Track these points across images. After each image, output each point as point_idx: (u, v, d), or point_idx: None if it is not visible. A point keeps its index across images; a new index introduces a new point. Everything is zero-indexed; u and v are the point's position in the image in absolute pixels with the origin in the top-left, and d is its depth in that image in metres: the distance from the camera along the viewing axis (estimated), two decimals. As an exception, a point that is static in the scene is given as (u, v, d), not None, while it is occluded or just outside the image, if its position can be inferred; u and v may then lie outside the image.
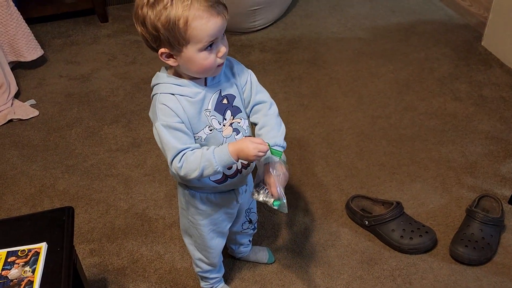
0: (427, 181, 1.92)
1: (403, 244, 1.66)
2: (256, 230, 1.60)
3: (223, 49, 1.10)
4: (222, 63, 1.13)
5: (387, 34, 2.80)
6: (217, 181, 1.25)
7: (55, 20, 3.03)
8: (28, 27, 2.50)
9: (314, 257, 1.67)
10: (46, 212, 1.24)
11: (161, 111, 1.14)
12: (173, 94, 1.14)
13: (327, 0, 3.14)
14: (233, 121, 1.22)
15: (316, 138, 2.14)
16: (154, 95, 1.17)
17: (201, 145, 1.18)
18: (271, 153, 1.14)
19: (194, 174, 1.13)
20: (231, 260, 1.67)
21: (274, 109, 1.27)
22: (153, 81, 1.19)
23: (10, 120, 2.29)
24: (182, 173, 1.14)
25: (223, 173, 1.24)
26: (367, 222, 1.71)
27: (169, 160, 1.14)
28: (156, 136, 1.16)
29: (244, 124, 1.24)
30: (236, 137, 1.23)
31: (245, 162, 1.25)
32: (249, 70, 1.27)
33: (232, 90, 1.21)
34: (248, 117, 1.28)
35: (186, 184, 1.29)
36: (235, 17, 2.75)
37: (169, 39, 1.06)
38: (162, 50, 1.11)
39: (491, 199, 1.77)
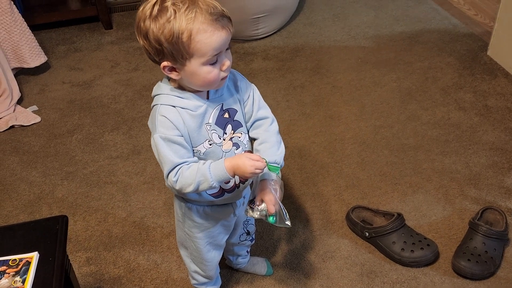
0: (429, 192, 1.89)
1: (404, 257, 1.63)
2: (254, 241, 1.58)
3: (227, 63, 1.09)
4: (226, 76, 1.12)
5: (391, 43, 2.78)
6: (213, 195, 1.23)
7: (60, 27, 3.03)
8: (32, 34, 2.51)
9: (313, 269, 1.64)
10: (39, 221, 1.22)
11: (160, 123, 1.12)
12: (174, 106, 1.12)
13: (331, 9, 3.13)
14: (234, 135, 1.20)
15: (317, 147, 2.11)
16: (154, 105, 1.16)
17: (200, 159, 1.16)
18: (269, 169, 1.12)
19: (189, 189, 1.11)
20: (229, 271, 1.65)
21: (275, 126, 1.25)
22: (154, 91, 1.18)
23: (12, 126, 2.29)
24: (177, 187, 1.12)
25: (220, 187, 1.22)
26: (367, 234, 1.69)
27: (165, 174, 1.13)
28: (153, 148, 1.15)
29: (244, 138, 1.23)
30: (236, 151, 1.21)
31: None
32: (252, 85, 1.26)
33: (234, 104, 1.20)
34: (248, 131, 1.26)
35: (183, 197, 1.27)
36: (238, 25, 2.73)
37: (173, 52, 1.05)
38: (164, 63, 1.09)
39: (495, 212, 1.74)
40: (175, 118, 1.11)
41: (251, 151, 1.25)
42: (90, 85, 2.56)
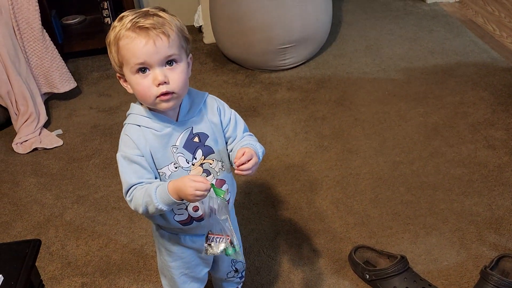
0: (444, 235, 1.76)
1: (405, 304, 1.51)
2: (243, 279, 1.52)
3: (159, 77, 1.04)
4: (165, 95, 1.06)
5: (423, 76, 2.67)
6: (181, 222, 1.19)
7: (97, 54, 3.15)
8: (62, 60, 2.60)
9: (306, 310, 1.56)
10: (11, 244, 1.23)
11: (123, 142, 1.13)
12: (139, 126, 1.12)
13: (365, 40, 3.07)
14: (204, 161, 1.17)
15: (330, 181, 2.03)
16: (124, 124, 1.16)
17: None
18: (215, 193, 1.06)
19: (140, 210, 1.09)
20: (219, 306, 1.59)
21: (254, 137, 1.23)
22: (128, 111, 1.18)
23: (35, 149, 2.37)
24: (132, 207, 1.11)
25: (189, 215, 1.18)
26: (367, 276, 1.58)
27: (123, 193, 1.12)
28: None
29: (216, 166, 1.19)
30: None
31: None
32: (232, 109, 1.23)
33: (205, 129, 1.17)
34: (228, 155, 1.22)
35: (155, 222, 1.24)
36: (264, 54, 2.73)
37: (113, 59, 1.08)
38: (118, 74, 1.12)
39: (513, 260, 1.59)
40: (137, 138, 1.11)
41: (224, 181, 1.20)
42: (115, 111, 2.61)
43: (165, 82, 1.05)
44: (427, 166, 2.07)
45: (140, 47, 1.02)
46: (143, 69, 1.05)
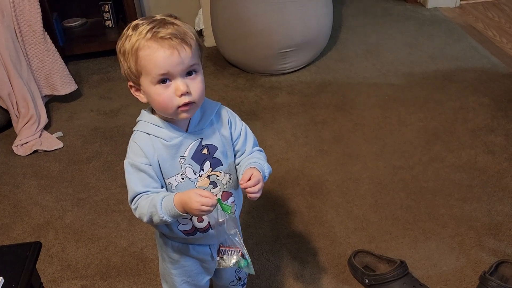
0: (443, 240, 1.76)
1: (405, 308, 1.51)
2: (245, 286, 1.51)
3: (181, 88, 1.03)
4: (187, 105, 1.06)
5: (423, 81, 2.67)
6: (185, 232, 1.18)
7: (98, 57, 3.14)
8: (63, 63, 2.61)
9: (306, 315, 1.56)
10: (11, 246, 1.23)
11: (131, 149, 1.12)
12: (148, 134, 1.11)
13: (365, 45, 3.07)
14: (212, 173, 1.16)
15: (330, 185, 2.04)
16: (133, 130, 1.16)
17: (172, 192, 1.13)
18: (222, 209, 1.06)
19: (144, 219, 1.08)
20: (219, 310, 1.59)
21: (263, 153, 1.22)
22: (138, 118, 1.17)
23: (36, 151, 2.37)
24: (137, 216, 1.11)
25: (193, 225, 1.18)
26: (367, 281, 1.58)
27: (128, 200, 1.11)
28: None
29: (223, 178, 1.18)
30: (212, 190, 1.16)
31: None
32: (243, 122, 1.23)
33: (215, 141, 1.16)
34: (235, 167, 1.22)
35: (159, 230, 1.24)
36: (265, 58, 2.74)
37: (129, 69, 1.06)
38: (130, 83, 1.10)
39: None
40: (145, 146, 1.10)
41: (231, 193, 1.20)
42: (116, 114, 2.61)
43: (187, 93, 1.05)
44: (427, 171, 2.07)
45: (164, 58, 1.01)
46: (164, 80, 1.03)
